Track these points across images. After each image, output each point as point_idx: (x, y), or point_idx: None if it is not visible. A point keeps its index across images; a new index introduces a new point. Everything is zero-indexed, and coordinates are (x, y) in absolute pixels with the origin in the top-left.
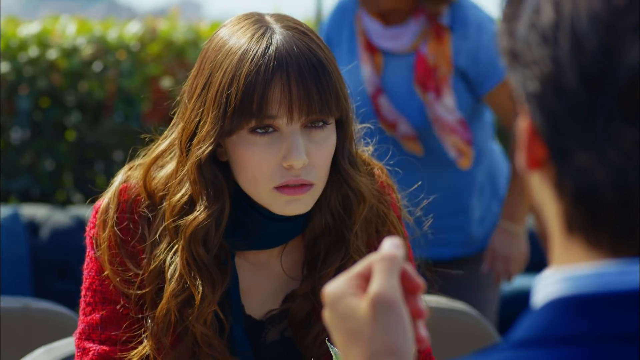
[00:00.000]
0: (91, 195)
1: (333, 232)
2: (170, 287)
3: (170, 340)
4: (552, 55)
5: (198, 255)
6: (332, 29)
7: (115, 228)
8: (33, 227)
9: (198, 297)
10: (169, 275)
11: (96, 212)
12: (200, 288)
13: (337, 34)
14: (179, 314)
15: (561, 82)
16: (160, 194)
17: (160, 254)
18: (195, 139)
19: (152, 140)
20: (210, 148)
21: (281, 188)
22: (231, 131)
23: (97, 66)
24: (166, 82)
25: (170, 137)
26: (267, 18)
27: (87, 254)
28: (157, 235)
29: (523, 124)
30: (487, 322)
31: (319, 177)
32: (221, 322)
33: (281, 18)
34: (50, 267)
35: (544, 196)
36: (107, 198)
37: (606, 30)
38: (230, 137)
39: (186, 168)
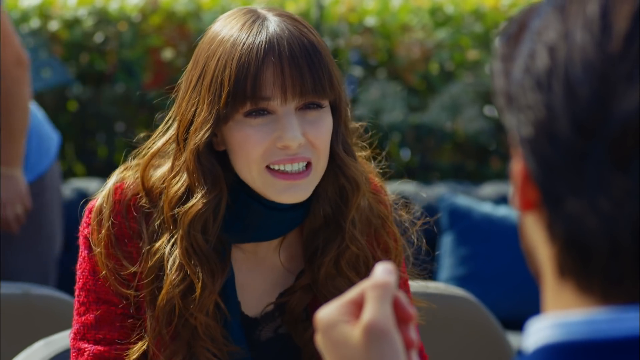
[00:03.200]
0: (92, 166)
1: (330, 223)
2: (170, 277)
3: (169, 333)
4: (546, 102)
5: (197, 243)
6: None
7: (111, 228)
8: None
9: (199, 287)
10: (168, 265)
11: (89, 212)
12: (201, 276)
13: None
14: (179, 304)
15: (554, 129)
16: (158, 191)
17: (160, 249)
18: (192, 128)
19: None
20: (207, 134)
21: (276, 172)
22: (227, 116)
23: (98, 37)
24: (167, 54)
25: (167, 135)
26: (260, 9)
27: (80, 253)
28: (156, 230)
29: (517, 167)
30: (486, 308)
31: (319, 159)
32: (221, 313)
33: (274, 8)
34: None
35: (537, 238)
36: (100, 198)
37: (599, 79)
38: (227, 123)
39: (183, 157)
